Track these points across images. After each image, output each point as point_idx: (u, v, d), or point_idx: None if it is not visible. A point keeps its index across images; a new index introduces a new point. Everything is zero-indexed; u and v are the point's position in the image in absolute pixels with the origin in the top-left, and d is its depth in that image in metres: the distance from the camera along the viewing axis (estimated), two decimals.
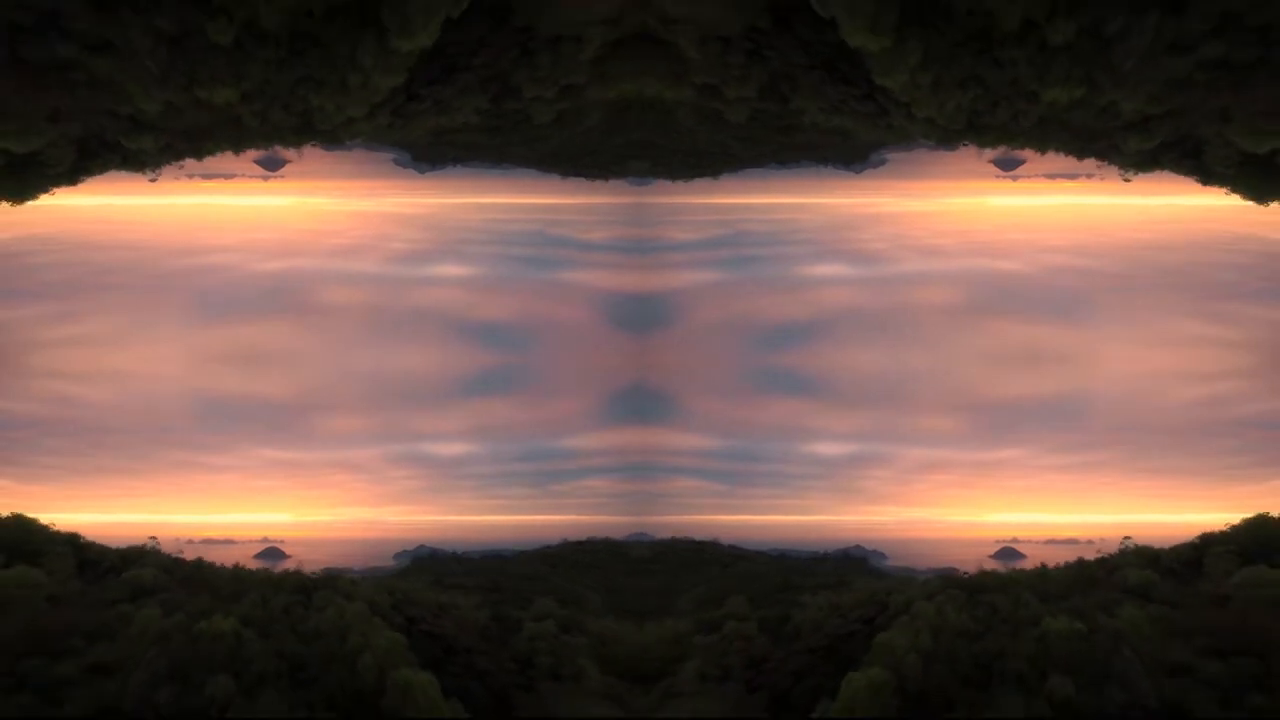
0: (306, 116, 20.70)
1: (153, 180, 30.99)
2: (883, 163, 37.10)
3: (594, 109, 26.59)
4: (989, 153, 34.89)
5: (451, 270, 39.53)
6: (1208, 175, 23.52)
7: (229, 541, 35.51)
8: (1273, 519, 27.15)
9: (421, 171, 37.95)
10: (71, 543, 24.85)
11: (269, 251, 39.12)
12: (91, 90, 17.81)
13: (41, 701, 14.55)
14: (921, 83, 18.64)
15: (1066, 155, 25.91)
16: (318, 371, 38.79)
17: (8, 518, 26.00)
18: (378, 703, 16.56)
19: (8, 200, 23.63)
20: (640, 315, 38.17)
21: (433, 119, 25.56)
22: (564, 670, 20.65)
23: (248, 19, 16.01)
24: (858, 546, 35.74)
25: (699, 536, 35.56)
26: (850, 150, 35.71)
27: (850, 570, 32.88)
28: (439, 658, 19.34)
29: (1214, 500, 33.82)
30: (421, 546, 36.20)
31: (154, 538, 28.12)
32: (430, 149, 36.01)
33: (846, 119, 24.95)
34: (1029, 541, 35.22)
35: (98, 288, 38.47)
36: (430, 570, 32.51)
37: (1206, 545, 24.54)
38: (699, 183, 37.78)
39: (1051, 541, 34.77)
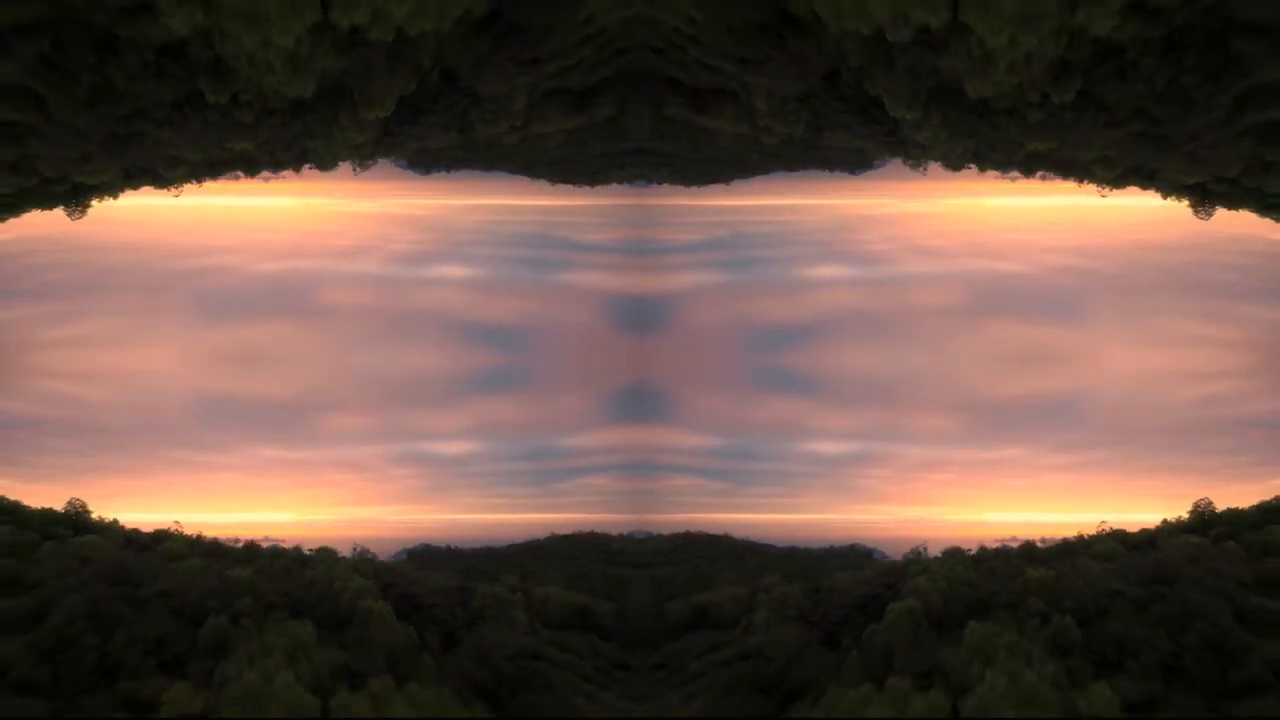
0: (303, 153, 27.25)
1: (176, 196, 32.92)
2: (883, 164, 37.14)
3: (555, 135, 31.65)
4: None
5: (453, 271, 39.62)
6: (1165, 192, 29.27)
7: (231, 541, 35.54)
8: (1213, 508, 31.14)
9: (422, 174, 38.01)
10: (114, 525, 30.72)
11: (270, 252, 39.18)
12: (155, 146, 25.34)
13: (134, 610, 23.01)
14: (940, 135, 25.51)
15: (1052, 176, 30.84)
16: (319, 371, 38.85)
17: (66, 506, 31.35)
18: (351, 622, 24.07)
19: (60, 209, 29.57)
20: (641, 316, 38.27)
21: (413, 144, 31.23)
22: (501, 618, 27.18)
23: (263, 107, 23.34)
24: (858, 544, 35.76)
25: (703, 533, 35.79)
26: (855, 156, 35.94)
27: (857, 562, 33.43)
28: (408, 610, 25.88)
29: (1213, 499, 33.82)
30: (420, 545, 36.21)
31: (178, 521, 31.90)
32: (424, 157, 36.50)
33: (867, 143, 30.67)
34: (1028, 540, 35.23)
35: (99, 288, 38.51)
36: (421, 560, 33.92)
37: (1163, 527, 30.03)
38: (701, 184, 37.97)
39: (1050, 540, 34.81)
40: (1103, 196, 32.34)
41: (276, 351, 38.68)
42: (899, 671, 21.63)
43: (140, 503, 36.29)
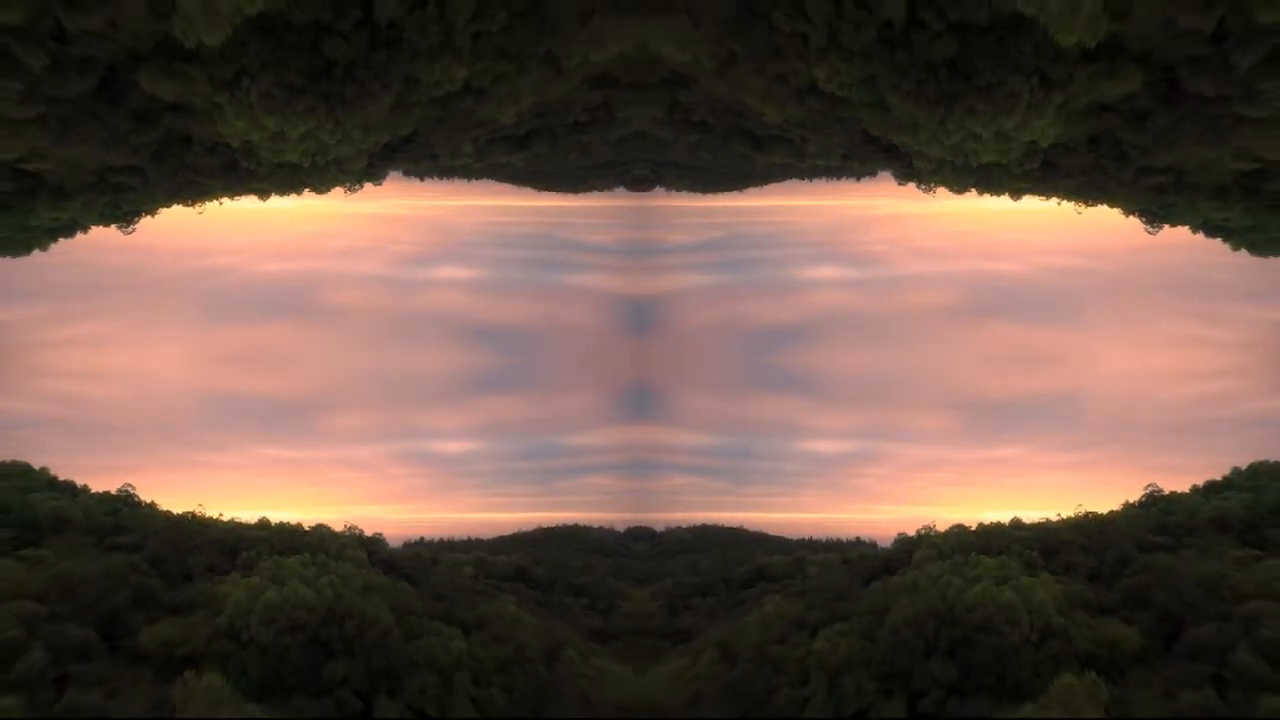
0: (303, 185, 34.29)
1: (199, 213, 36.24)
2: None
3: (517, 161, 36.82)
4: None
5: (454, 272, 39.82)
6: (1125, 212, 35.45)
7: None
8: (1160, 491, 35.41)
9: (420, 177, 38.19)
10: (154, 505, 35.81)
11: (273, 253, 39.37)
12: (199, 187, 33.47)
13: (193, 550, 31.95)
14: (949, 177, 33.40)
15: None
16: (321, 371, 39.04)
17: (119, 490, 35.83)
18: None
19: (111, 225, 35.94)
20: (641, 317, 38.46)
21: (394, 169, 37.28)
22: (453, 573, 34.53)
23: (277, 166, 32.19)
24: (861, 540, 35.99)
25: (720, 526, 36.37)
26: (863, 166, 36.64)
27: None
28: (385, 569, 33.21)
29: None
30: (417, 541, 36.42)
31: (201, 504, 35.74)
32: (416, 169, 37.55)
33: (883, 168, 37.03)
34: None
35: (102, 288, 38.70)
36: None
37: (1123, 508, 35.43)
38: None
39: None
40: (1078, 214, 36.23)
41: (279, 351, 38.90)
42: None
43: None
